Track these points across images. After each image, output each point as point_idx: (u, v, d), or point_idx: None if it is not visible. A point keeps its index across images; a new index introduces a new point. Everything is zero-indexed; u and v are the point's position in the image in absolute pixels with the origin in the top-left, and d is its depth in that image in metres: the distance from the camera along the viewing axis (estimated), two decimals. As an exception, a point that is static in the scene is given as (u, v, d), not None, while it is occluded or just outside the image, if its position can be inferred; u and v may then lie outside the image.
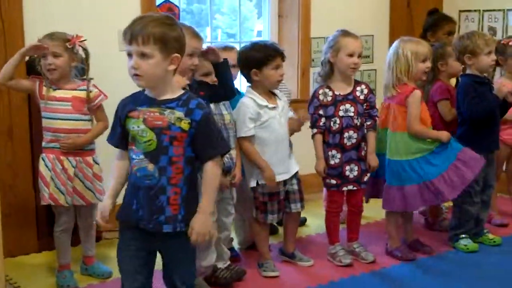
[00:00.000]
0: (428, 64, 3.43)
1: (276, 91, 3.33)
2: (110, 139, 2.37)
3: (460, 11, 5.03)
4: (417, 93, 3.38)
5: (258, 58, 3.18)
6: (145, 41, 2.11)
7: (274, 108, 3.24)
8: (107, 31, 3.84)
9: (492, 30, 4.80)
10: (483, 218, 3.77)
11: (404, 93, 3.38)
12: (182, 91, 2.26)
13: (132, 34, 2.13)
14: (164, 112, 2.19)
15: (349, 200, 3.53)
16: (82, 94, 3.16)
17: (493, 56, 3.56)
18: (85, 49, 3.17)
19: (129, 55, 2.16)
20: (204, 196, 2.26)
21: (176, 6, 4.25)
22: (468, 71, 3.60)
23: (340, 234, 3.56)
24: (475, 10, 4.94)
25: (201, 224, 2.23)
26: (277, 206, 3.30)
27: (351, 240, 3.58)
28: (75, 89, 3.15)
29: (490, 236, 3.74)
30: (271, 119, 3.22)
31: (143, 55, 2.12)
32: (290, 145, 3.37)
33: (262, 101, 3.21)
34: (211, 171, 2.25)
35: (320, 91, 3.40)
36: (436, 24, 4.37)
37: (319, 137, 3.39)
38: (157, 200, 2.22)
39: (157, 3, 4.12)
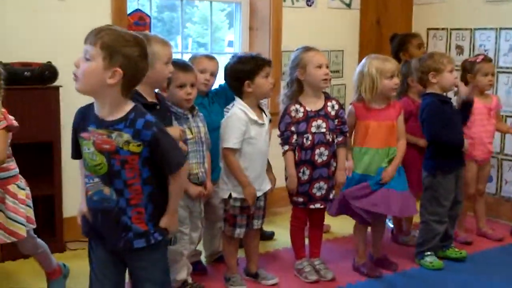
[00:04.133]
0: (396, 80, 3.43)
1: (264, 107, 3.32)
2: (72, 153, 2.31)
3: (428, 29, 5.11)
4: (349, 107, 3.48)
5: (249, 69, 3.16)
6: (93, 42, 2.08)
7: (262, 125, 3.22)
8: (77, 40, 3.74)
9: (459, 49, 4.89)
10: (451, 233, 3.82)
11: None
12: (131, 106, 2.17)
13: (88, 35, 2.11)
14: (112, 135, 2.12)
15: (311, 216, 3.52)
16: None
17: (455, 74, 3.62)
18: None
19: None
20: (170, 201, 2.27)
21: (147, 15, 4.22)
22: (430, 91, 3.63)
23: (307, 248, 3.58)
24: (443, 29, 5.03)
25: (168, 222, 2.27)
26: (246, 221, 3.26)
27: (313, 256, 3.57)
28: None
29: (456, 249, 3.79)
30: (258, 136, 3.19)
31: (87, 56, 2.09)
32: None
33: (253, 115, 3.18)
34: (173, 184, 2.25)
35: (292, 108, 3.38)
36: (404, 42, 4.43)
37: (291, 155, 3.35)
38: (120, 220, 2.19)
39: (129, 11, 4.09)
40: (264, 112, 3.29)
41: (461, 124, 3.71)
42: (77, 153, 2.28)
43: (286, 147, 3.37)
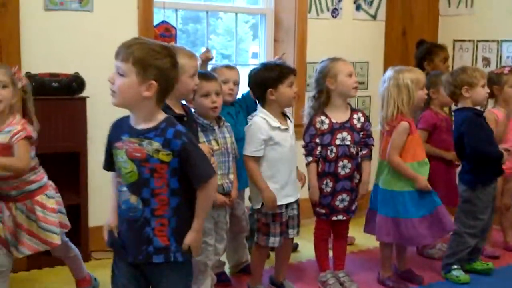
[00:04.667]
0: (426, 90, 3.47)
1: (288, 113, 3.31)
2: (104, 164, 2.34)
3: (455, 40, 5.07)
4: (403, 124, 3.34)
5: (274, 77, 3.14)
6: (125, 59, 2.10)
7: (285, 130, 3.21)
8: (104, 52, 3.80)
9: (486, 61, 4.84)
10: (480, 247, 3.78)
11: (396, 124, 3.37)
12: (163, 117, 2.20)
13: (118, 50, 2.14)
14: (143, 143, 2.15)
15: (335, 228, 3.51)
16: (4, 139, 2.81)
17: (487, 89, 3.60)
18: (25, 85, 2.96)
19: None
20: (196, 217, 2.26)
21: (173, 27, 4.24)
22: (461, 105, 3.60)
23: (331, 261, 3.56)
24: (469, 40, 4.98)
25: (192, 239, 2.24)
26: (279, 229, 3.21)
27: (337, 268, 3.55)
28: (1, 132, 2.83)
29: (483, 262, 3.75)
30: (282, 141, 3.17)
31: (120, 72, 2.12)
32: None
33: (275, 122, 3.17)
34: (200, 197, 2.24)
35: (317, 119, 3.37)
36: (430, 52, 4.40)
37: (314, 166, 3.35)
38: (143, 231, 2.19)
39: (155, 23, 4.13)
40: (288, 118, 3.27)
41: (493, 137, 3.67)
42: (108, 164, 2.30)
43: (310, 159, 3.36)
